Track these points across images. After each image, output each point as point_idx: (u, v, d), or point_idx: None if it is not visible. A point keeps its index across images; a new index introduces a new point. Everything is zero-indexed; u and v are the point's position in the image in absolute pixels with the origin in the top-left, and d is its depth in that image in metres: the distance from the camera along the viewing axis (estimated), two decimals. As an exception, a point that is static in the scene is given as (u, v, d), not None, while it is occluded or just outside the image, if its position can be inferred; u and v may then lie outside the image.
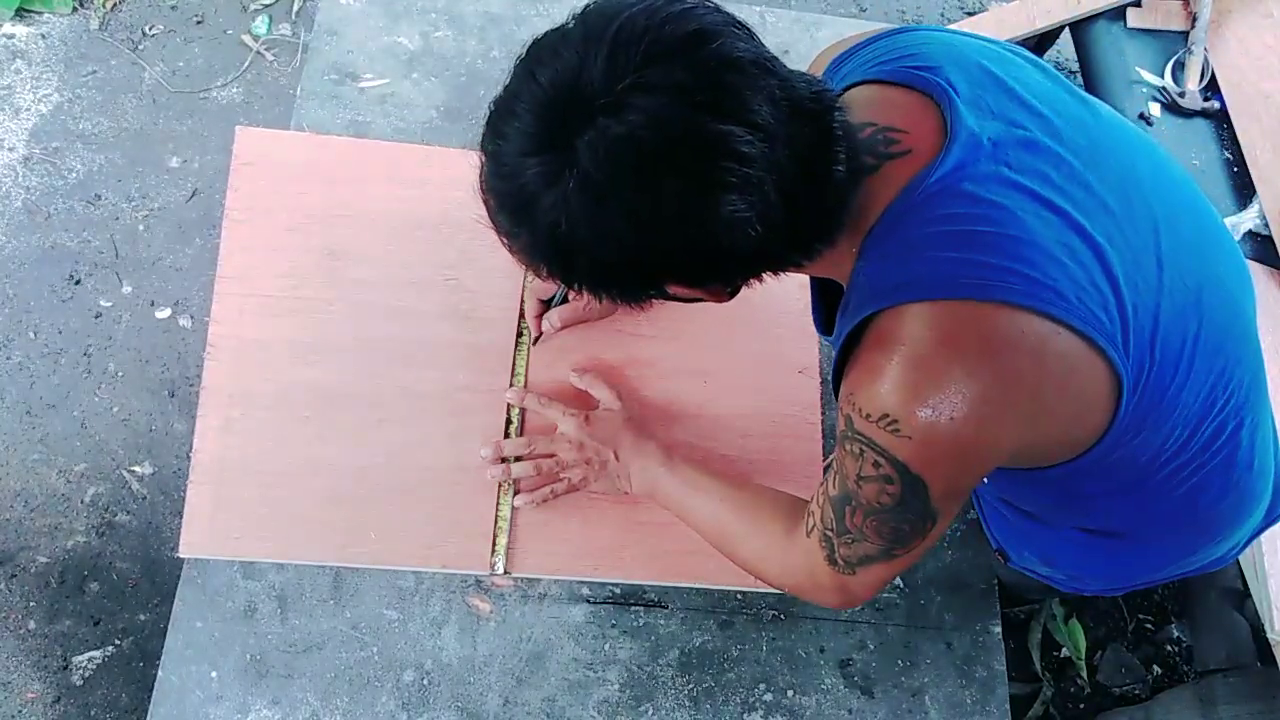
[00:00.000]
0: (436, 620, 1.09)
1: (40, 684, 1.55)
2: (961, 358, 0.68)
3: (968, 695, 1.14)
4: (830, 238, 0.73)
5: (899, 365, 0.69)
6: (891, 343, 0.70)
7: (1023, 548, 1.07)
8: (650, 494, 1.07)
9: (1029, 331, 0.68)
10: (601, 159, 0.62)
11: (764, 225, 0.66)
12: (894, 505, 0.74)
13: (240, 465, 1.10)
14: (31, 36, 2.02)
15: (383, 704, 1.05)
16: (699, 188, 0.64)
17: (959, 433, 0.69)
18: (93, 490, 1.67)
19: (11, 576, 1.61)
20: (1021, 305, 0.68)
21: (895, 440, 0.70)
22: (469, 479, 1.13)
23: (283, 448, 1.11)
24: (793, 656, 1.13)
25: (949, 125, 0.72)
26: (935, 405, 0.68)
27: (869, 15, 2.41)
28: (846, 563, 0.81)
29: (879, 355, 0.71)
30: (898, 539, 0.77)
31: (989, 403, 0.68)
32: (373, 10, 1.39)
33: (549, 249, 0.69)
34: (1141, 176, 0.77)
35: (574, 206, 0.64)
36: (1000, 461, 0.75)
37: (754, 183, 0.64)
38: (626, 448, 1.08)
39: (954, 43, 0.80)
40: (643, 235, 0.66)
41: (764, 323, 1.27)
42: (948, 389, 0.68)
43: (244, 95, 2.03)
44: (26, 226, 1.85)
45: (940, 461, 0.71)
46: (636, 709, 1.08)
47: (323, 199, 1.22)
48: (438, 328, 1.19)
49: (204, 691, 1.04)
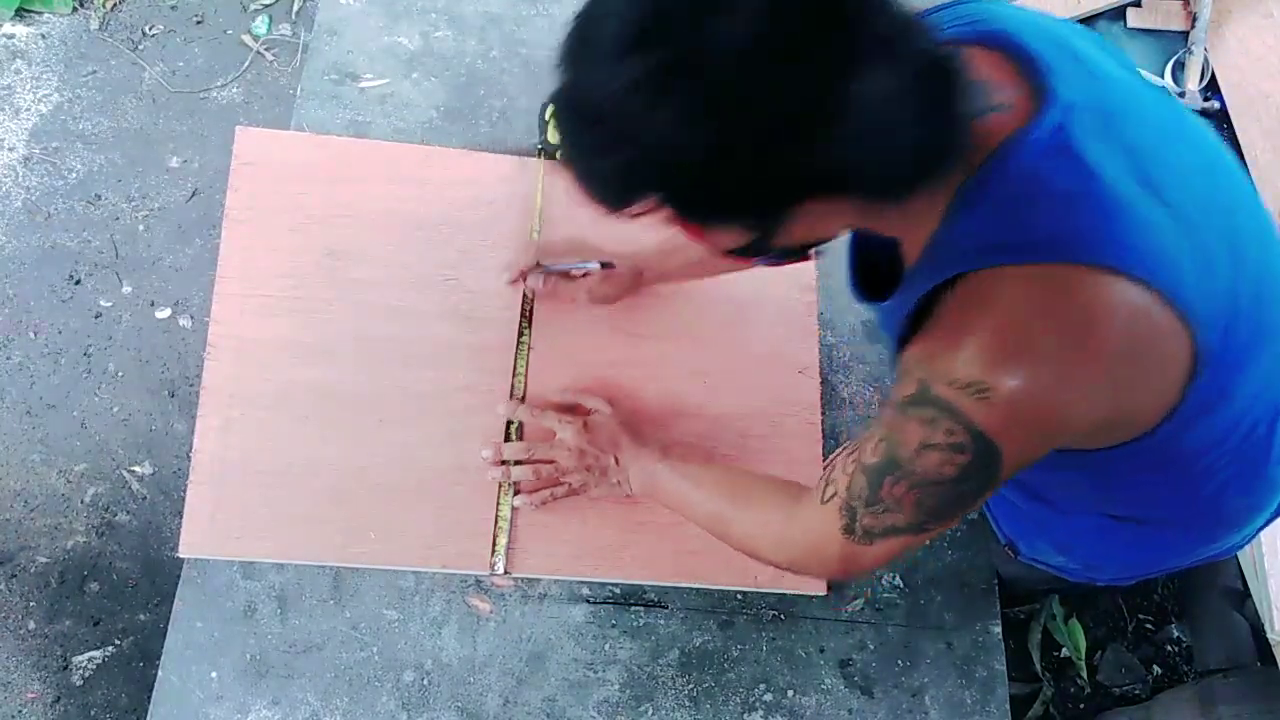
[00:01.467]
0: (436, 620, 1.09)
1: (40, 684, 1.55)
2: (1059, 325, 0.65)
3: (968, 695, 1.14)
4: (937, 176, 0.67)
5: (993, 330, 0.66)
6: (985, 306, 0.67)
7: (1036, 538, 1.05)
8: (650, 493, 1.07)
9: (1127, 301, 0.65)
10: (718, 57, 0.56)
11: (885, 144, 0.61)
12: (954, 476, 0.70)
13: (240, 465, 1.10)
14: (31, 36, 2.02)
15: (383, 704, 1.05)
16: (817, 96, 0.58)
17: (1047, 402, 0.66)
18: (93, 490, 1.67)
19: (11, 576, 1.60)
20: (1121, 272, 0.65)
21: (980, 408, 0.67)
22: (469, 479, 1.13)
23: (283, 448, 1.11)
24: (793, 656, 1.13)
25: (1040, 87, 0.68)
26: (1028, 373, 0.65)
27: (869, 15, 2.40)
28: (866, 533, 0.77)
29: (971, 318, 0.67)
30: (937, 513, 0.74)
31: (1081, 373, 0.66)
32: (373, 10, 1.39)
33: (650, 170, 0.63)
34: (1212, 161, 0.76)
35: (684, 115, 0.58)
36: (1073, 436, 0.72)
37: (876, 98, 0.59)
38: (625, 451, 1.08)
39: (1020, 13, 0.77)
40: (761, 142, 0.59)
41: (764, 323, 1.27)
42: (1043, 357, 0.65)
43: (244, 95, 2.03)
44: (26, 226, 1.84)
45: (1021, 432, 0.68)
46: (637, 709, 1.08)
47: (323, 199, 1.22)
48: (438, 328, 1.19)
49: (204, 691, 1.03)
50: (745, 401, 1.22)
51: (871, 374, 1.29)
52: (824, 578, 0.89)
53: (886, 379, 1.29)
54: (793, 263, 0.83)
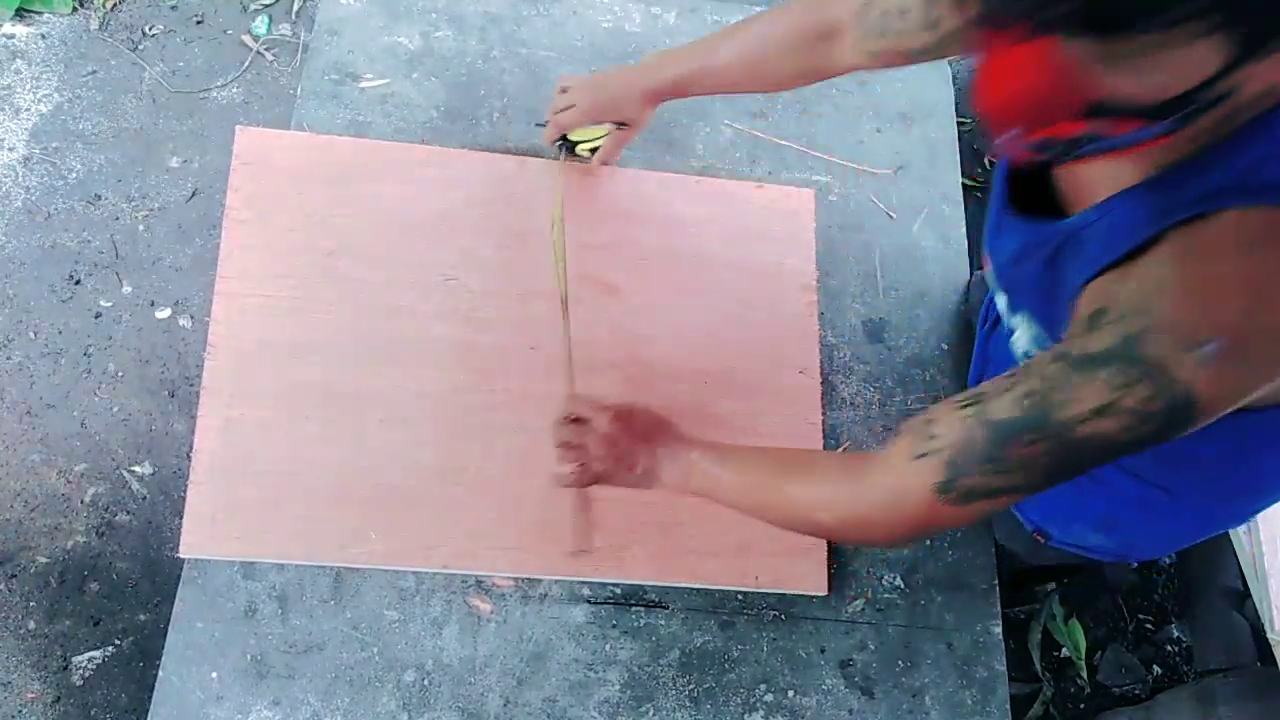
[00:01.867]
0: (437, 621, 1.09)
1: (40, 684, 1.55)
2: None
3: (968, 695, 1.14)
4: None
5: (1248, 278, 0.58)
6: (1246, 250, 0.58)
7: (1073, 520, 1.02)
8: (683, 484, 0.96)
9: None
10: None
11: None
12: (1122, 442, 0.63)
13: (240, 465, 1.10)
14: (31, 36, 2.02)
15: (383, 704, 1.05)
16: None
17: (1271, 360, 0.60)
18: (93, 490, 1.67)
19: (11, 576, 1.60)
20: None
21: (1201, 372, 0.59)
22: (469, 479, 1.13)
23: (283, 448, 1.11)
24: (793, 657, 1.13)
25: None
26: (1269, 331, 0.58)
27: (869, 15, 2.40)
28: (967, 494, 0.70)
29: (1225, 265, 0.59)
30: (1063, 474, 0.67)
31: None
32: (373, 10, 1.39)
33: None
34: None
35: None
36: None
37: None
38: (666, 443, 0.97)
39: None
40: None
41: (764, 323, 1.27)
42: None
43: (244, 95, 2.03)
44: (26, 226, 1.84)
45: (1230, 400, 0.61)
46: (637, 709, 1.08)
47: (323, 199, 1.22)
48: (438, 328, 1.19)
49: (204, 692, 1.03)
50: (745, 401, 1.22)
51: (871, 374, 1.29)
52: (889, 539, 0.79)
53: (887, 379, 1.29)
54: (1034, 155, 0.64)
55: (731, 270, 1.29)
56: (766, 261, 1.30)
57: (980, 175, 2.25)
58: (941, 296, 1.35)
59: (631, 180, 1.32)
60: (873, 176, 1.41)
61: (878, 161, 1.42)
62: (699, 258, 1.29)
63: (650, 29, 1.46)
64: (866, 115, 1.45)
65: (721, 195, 1.33)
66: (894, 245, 1.37)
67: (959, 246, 1.39)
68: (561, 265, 1.19)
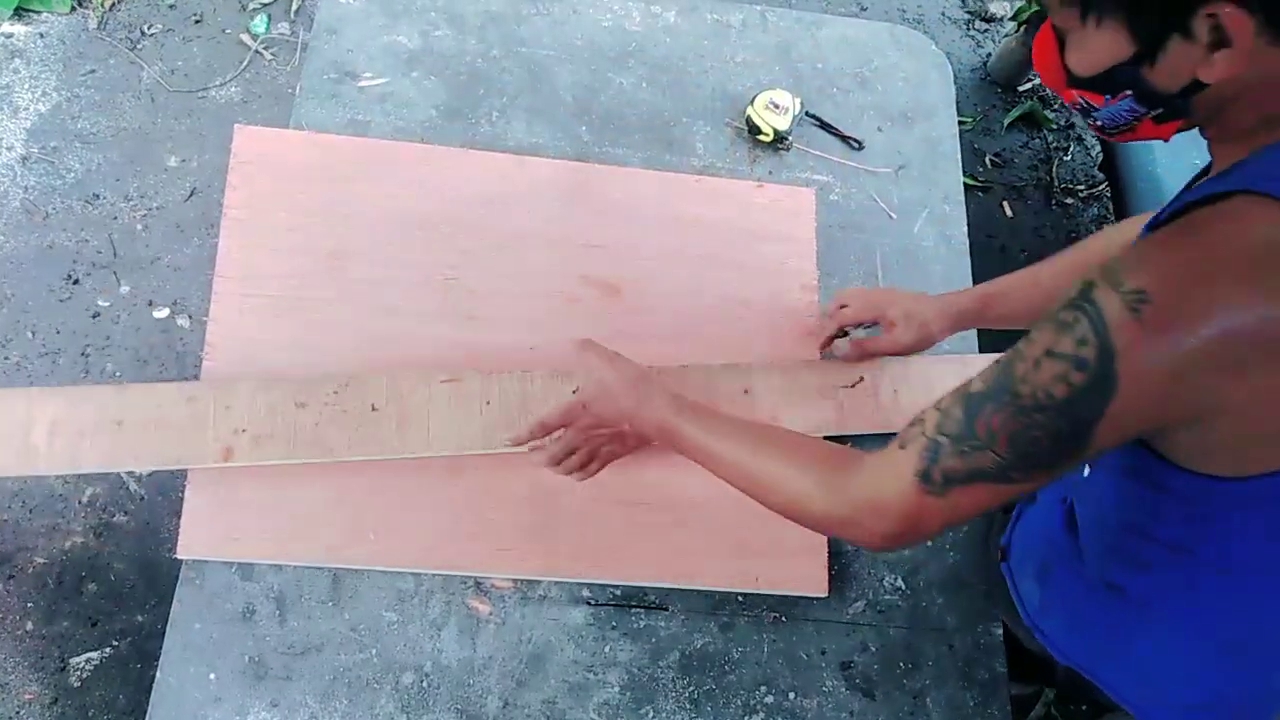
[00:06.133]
0: (436, 622, 1.09)
1: (38, 685, 1.54)
2: (1259, 269, 0.60)
3: (969, 697, 1.13)
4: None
5: (1199, 248, 0.62)
6: (1209, 225, 0.63)
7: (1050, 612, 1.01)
8: (669, 444, 0.96)
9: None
10: None
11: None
12: (1060, 401, 0.65)
13: (238, 466, 1.09)
14: (30, 36, 2.01)
15: (382, 706, 1.04)
16: None
17: (1200, 350, 0.60)
18: (90, 491, 1.66)
19: (9, 577, 1.60)
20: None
21: (1126, 321, 0.62)
22: (469, 479, 1.12)
23: (281, 448, 1.11)
24: (794, 658, 1.12)
25: None
26: (1200, 308, 0.60)
27: (869, 15, 2.41)
28: (946, 479, 0.71)
29: (1186, 233, 0.63)
30: (1028, 458, 0.68)
31: (1264, 334, 0.60)
32: (372, 9, 1.38)
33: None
34: None
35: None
36: (1201, 414, 0.65)
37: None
38: (631, 414, 0.97)
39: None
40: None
41: (764, 322, 1.27)
42: (1222, 293, 0.60)
43: (243, 94, 2.03)
44: (25, 226, 1.84)
45: (1151, 374, 0.62)
46: (637, 711, 1.08)
47: (322, 198, 1.22)
48: (438, 328, 1.19)
49: (202, 693, 1.03)
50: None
51: (873, 374, 1.28)
52: (875, 540, 0.78)
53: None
54: (1148, 135, 0.74)
55: (732, 270, 1.29)
56: (767, 261, 1.30)
57: (980, 175, 2.25)
58: (942, 297, 1.35)
59: (631, 180, 1.32)
60: (873, 176, 1.41)
61: (878, 161, 1.42)
62: (699, 258, 1.28)
63: (650, 28, 1.45)
64: (867, 115, 1.45)
65: (721, 195, 1.33)
66: (895, 245, 1.36)
67: (960, 246, 1.38)
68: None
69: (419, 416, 1.11)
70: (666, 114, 1.40)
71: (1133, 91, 0.68)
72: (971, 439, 0.69)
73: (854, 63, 1.49)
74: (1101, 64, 0.68)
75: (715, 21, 1.48)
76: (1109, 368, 0.63)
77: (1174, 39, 0.63)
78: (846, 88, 1.46)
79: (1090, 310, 0.64)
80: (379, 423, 1.10)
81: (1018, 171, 2.29)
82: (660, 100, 1.40)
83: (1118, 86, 0.69)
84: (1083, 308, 0.64)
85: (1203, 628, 0.88)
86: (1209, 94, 0.66)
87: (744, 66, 1.45)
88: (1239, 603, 0.84)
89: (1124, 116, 0.71)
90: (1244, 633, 0.86)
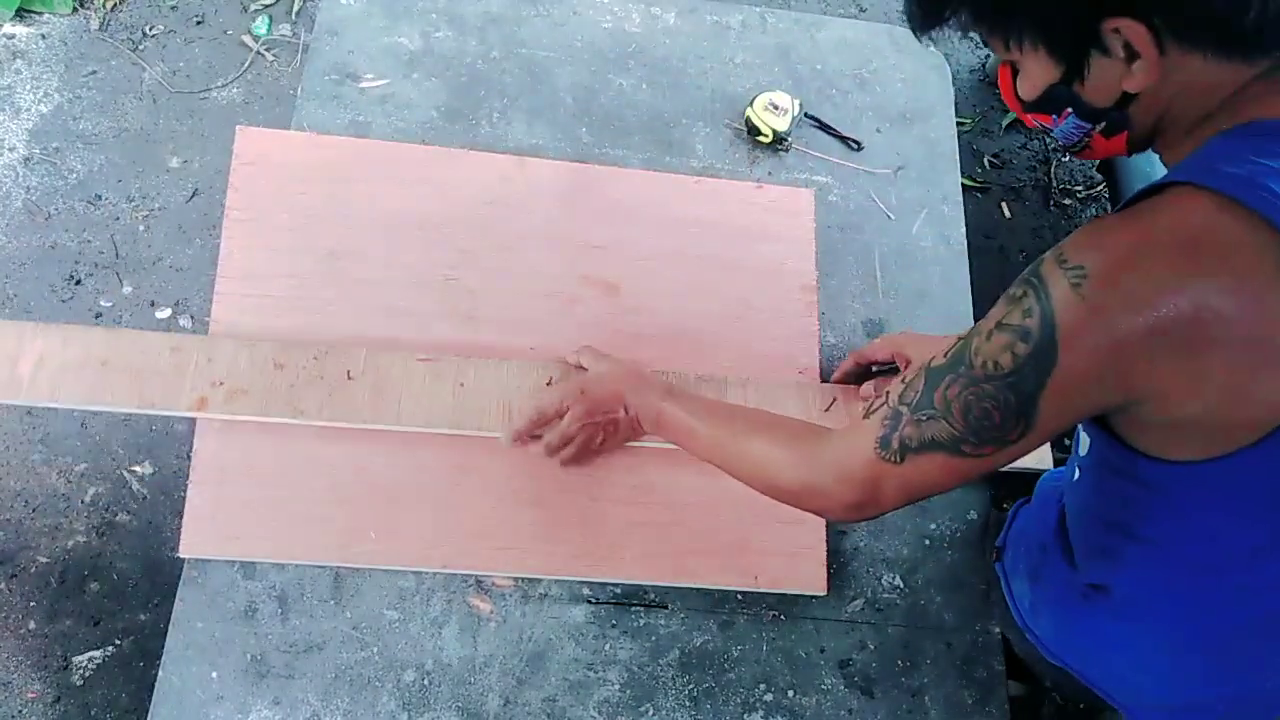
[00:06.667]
0: (437, 620, 1.09)
1: (40, 684, 1.55)
2: (1197, 254, 0.63)
3: (968, 695, 1.14)
4: (1264, 56, 0.67)
5: (1136, 230, 0.65)
6: (1152, 212, 0.66)
7: (1040, 612, 1.03)
8: (657, 429, 1.04)
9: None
10: None
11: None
12: (1006, 372, 0.68)
13: (240, 465, 1.10)
14: (32, 37, 2.02)
15: (383, 704, 1.05)
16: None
17: (1133, 328, 0.63)
18: (93, 490, 1.67)
19: (12, 576, 1.60)
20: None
21: (1066, 294, 0.65)
22: (469, 479, 1.13)
23: (283, 448, 1.11)
24: (793, 657, 1.13)
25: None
26: (1136, 281, 0.63)
27: (869, 15, 2.41)
28: (903, 446, 0.74)
29: (1129, 219, 0.67)
30: (980, 430, 0.70)
31: (1193, 317, 0.62)
32: (373, 10, 1.39)
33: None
34: None
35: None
36: (1140, 395, 0.67)
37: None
38: (628, 397, 1.06)
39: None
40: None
41: (764, 323, 1.27)
42: (1158, 273, 0.63)
43: (244, 95, 2.03)
44: (27, 227, 1.85)
45: (1089, 348, 0.65)
46: (637, 709, 1.08)
47: (323, 199, 1.22)
48: (438, 328, 1.19)
49: (204, 692, 1.04)
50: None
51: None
52: (838, 509, 0.81)
53: (886, 379, 1.29)
54: (1107, 150, 0.78)
55: (731, 270, 1.29)
56: (766, 262, 1.30)
57: (979, 176, 2.26)
58: (941, 297, 1.35)
59: (631, 180, 1.32)
60: (872, 177, 1.41)
61: (877, 162, 1.42)
62: (699, 258, 1.29)
63: (650, 29, 1.46)
64: (866, 116, 1.45)
65: (721, 196, 1.33)
66: (893, 245, 1.37)
67: (958, 247, 1.39)
68: None
69: (392, 390, 1.12)
70: (666, 115, 1.40)
71: (1073, 109, 0.74)
72: (929, 407, 0.73)
73: (853, 64, 1.49)
74: (1038, 87, 0.73)
75: (715, 23, 1.48)
76: (1051, 338, 0.65)
77: (1095, 56, 0.68)
78: (845, 89, 1.47)
79: (1037, 284, 0.67)
80: (352, 391, 1.11)
81: (1016, 172, 2.29)
82: (660, 101, 1.41)
83: (1059, 105, 0.74)
84: (1031, 282, 0.68)
85: (1184, 628, 0.89)
86: (1142, 103, 0.70)
87: (743, 68, 1.45)
88: (1218, 604, 0.85)
89: (1075, 134, 0.76)
90: (1225, 634, 0.87)
